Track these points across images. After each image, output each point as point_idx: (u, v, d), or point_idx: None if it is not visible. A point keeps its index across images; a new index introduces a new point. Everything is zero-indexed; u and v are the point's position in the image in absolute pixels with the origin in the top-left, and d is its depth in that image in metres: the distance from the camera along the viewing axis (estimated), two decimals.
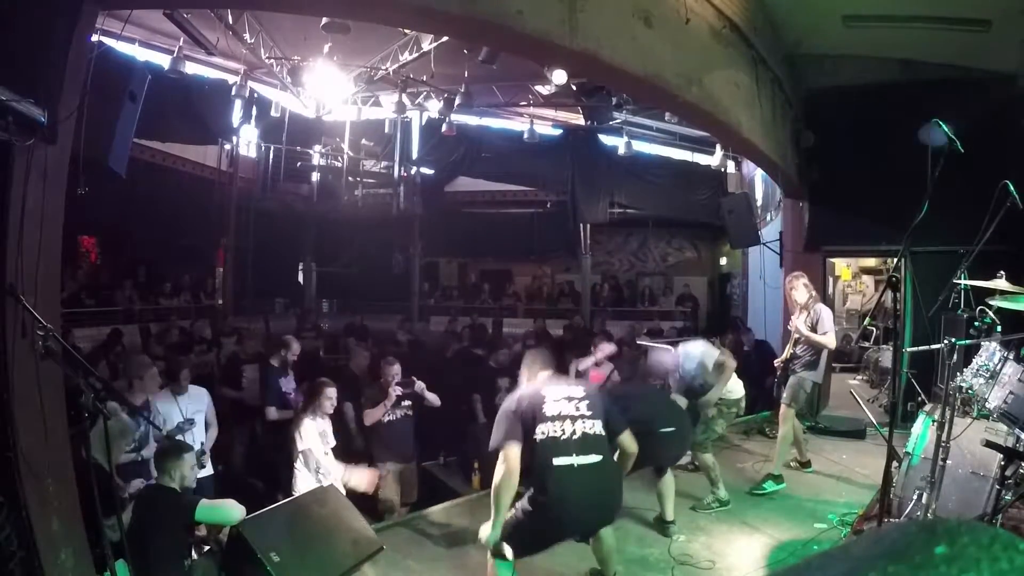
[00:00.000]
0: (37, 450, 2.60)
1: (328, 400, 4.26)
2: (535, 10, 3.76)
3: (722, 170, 11.34)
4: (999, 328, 3.30)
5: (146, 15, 7.19)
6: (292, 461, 4.25)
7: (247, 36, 8.02)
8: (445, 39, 7.42)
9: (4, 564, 2.43)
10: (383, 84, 9.72)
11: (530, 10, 3.72)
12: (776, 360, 5.36)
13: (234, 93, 9.75)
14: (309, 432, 4.20)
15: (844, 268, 11.50)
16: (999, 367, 3.01)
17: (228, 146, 11.79)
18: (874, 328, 8.96)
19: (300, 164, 12.09)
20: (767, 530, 3.99)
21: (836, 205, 6.87)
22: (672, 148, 12.39)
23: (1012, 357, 3.01)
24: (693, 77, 4.92)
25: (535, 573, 3.25)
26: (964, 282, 3.35)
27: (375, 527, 4.02)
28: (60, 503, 2.68)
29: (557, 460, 2.68)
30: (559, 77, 7.55)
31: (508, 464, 2.65)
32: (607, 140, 12.37)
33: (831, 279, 10.29)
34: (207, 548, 3.50)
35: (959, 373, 3.10)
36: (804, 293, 4.86)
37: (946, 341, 2.98)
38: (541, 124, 12.04)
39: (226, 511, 3.14)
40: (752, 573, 3.47)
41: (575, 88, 8.84)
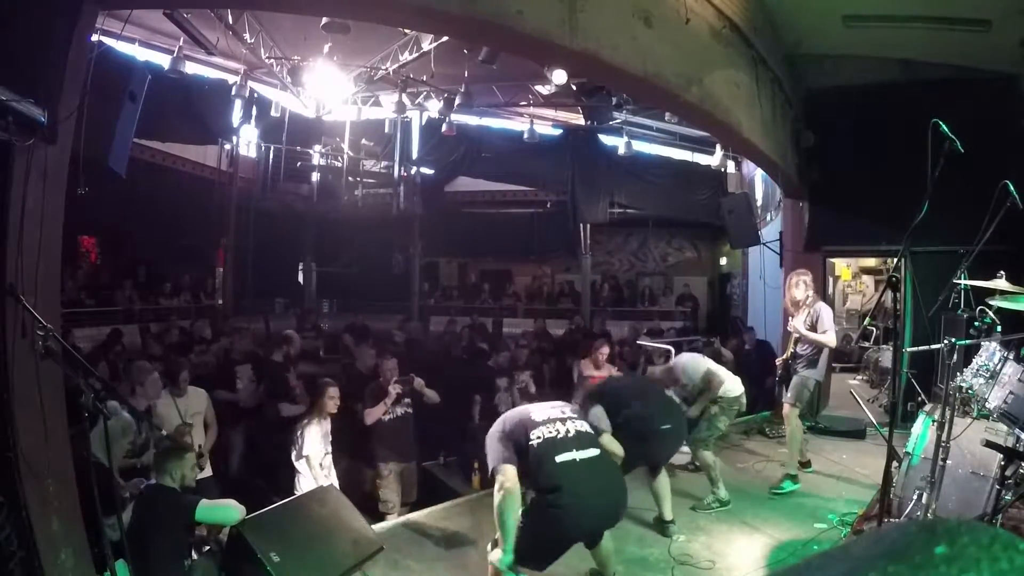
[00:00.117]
0: (37, 450, 2.59)
1: (331, 400, 4.25)
2: (535, 10, 3.76)
3: (722, 170, 11.34)
4: (999, 328, 3.30)
5: (146, 15, 7.20)
6: (294, 462, 4.25)
7: (247, 36, 8.02)
8: (445, 39, 7.42)
9: (4, 564, 2.43)
10: (383, 84, 9.72)
11: (530, 10, 3.72)
12: (777, 359, 5.37)
13: (234, 93, 9.76)
14: (312, 433, 4.20)
15: (844, 268, 11.50)
16: (999, 367, 3.01)
17: (228, 146, 11.79)
18: (874, 328, 8.97)
19: (300, 164, 12.09)
20: (767, 530, 3.99)
21: (836, 205, 6.87)
22: (672, 148, 12.39)
23: (1012, 357, 3.01)
24: (693, 77, 4.92)
25: (535, 573, 3.24)
26: (964, 282, 3.36)
27: (375, 527, 4.02)
28: (60, 503, 2.67)
29: (559, 457, 2.67)
30: (559, 77, 7.55)
31: (508, 484, 2.64)
32: (607, 140, 12.37)
33: (831, 279, 10.30)
34: (207, 548, 3.51)
35: (959, 373, 3.10)
36: (803, 291, 4.84)
37: (946, 341, 2.97)
38: (541, 124, 12.04)
39: (226, 511, 3.14)
40: (752, 573, 3.47)
41: (575, 88, 8.84)
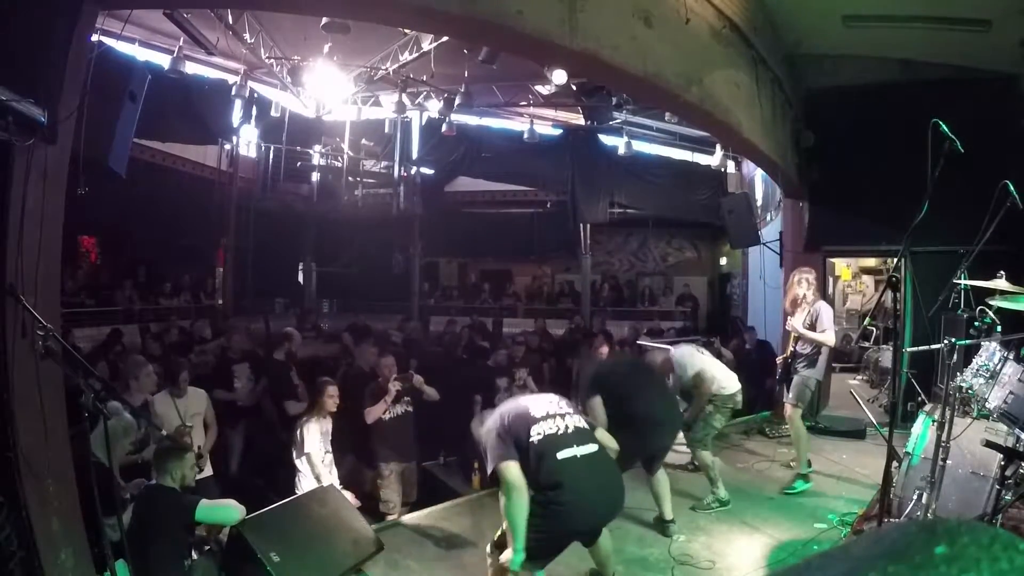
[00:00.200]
0: (37, 450, 2.59)
1: (331, 399, 4.27)
2: (535, 10, 3.76)
3: (722, 170, 11.34)
4: (999, 328, 3.30)
5: (146, 15, 7.20)
6: (295, 460, 4.26)
7: (247, 36, 8.02)
8: (445, 39, 7.42)
9: (4, 564, 2.42)
10: (383, 84, 9.71)
11: (530, 10, 3.72)
12: (778, 358, 5.35)
13: (234, 93, 9.75)
14: (312, 433, 4.21)
15: (844, 268, 11.50)
16: (999, 367, 3.01)
17: (228, 146, 11.79)
18: (874, 328, 8.97)
19: (300, 164, 12.09)
20: (767, 530, 3.99)
21: (836, 205, 6.86)
22: (672, 148, 12.39)
23: (1012, 357, 3.01)
24: (693, 77, 4.92)
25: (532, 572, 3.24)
26: (964, 282, 3.36)
27: (375, 527, 4.03)
28: (60, 503, 2.67)
29: (560, 454, 2.65)
30: (559, 77, 7.55)
31: (513, 482, 2.60)
32: (607, 140, 12.37)
33: (831, 279, 10.29)
34: (207, 548, 3.51)
35: (959, 373, 3.10)
36: (804, 288, 4.81)
37: (946, 341, 2.97)
38: (541, 124, 12.04)
39: (226, 511, 3.15)
40: (752, 573, 3.47)
41: (575, 88, 8.84)
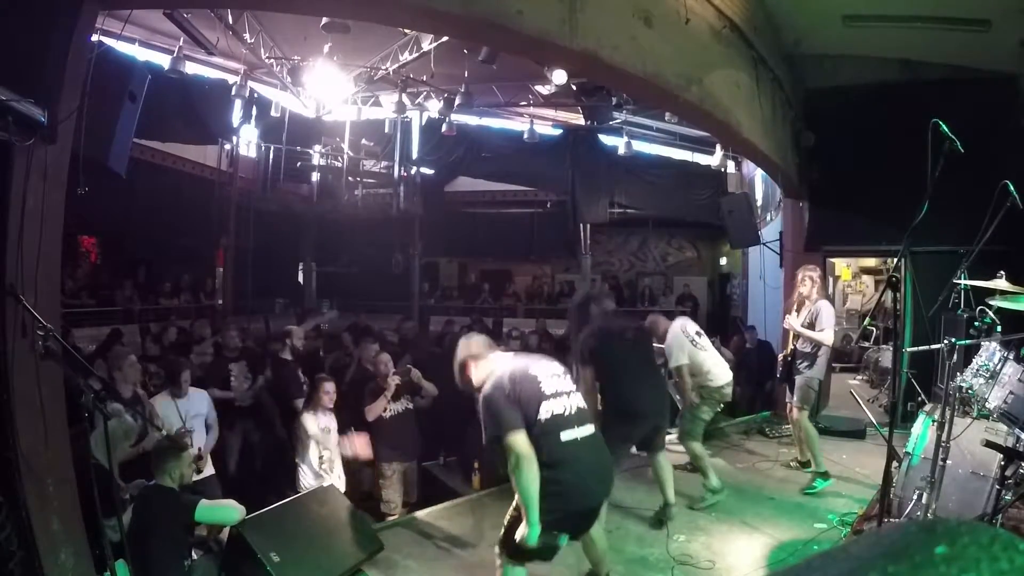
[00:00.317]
0: (37, 450, 2.59)
1: (326, 395, 4.32)
2: (535, 10, 3.76)
3: (722, 170, 11.33)
4: (999, 328, 3.30)
5: (146, 15, 7.19)
6: (296, 458, 4.28)
7: (247, 36, 8.02)
8: (445, 39, 7.42)
9: (4, 564, 2.43)
10: (383, 84, 9.71)
11: (530, 10, 3.72)
12: (780, 355, 5.32)
13: (234, 93, 9.74)
14: (310, 428, 4.24)
15: (844, 268, 11.50)
16: (999, 367, 3.01)
17: (228, 146, 11.78)
18: (874, 328, 8.97)
19: (300, 164, 12.07)
20: (767, 530, 3.99)
21: (836, 205, 6.86)
22: (672, 148, 12.37)
23: (1012, 357, 3.01)
24: (693, 77, 4.92)
25: (537, 573, 3.24)
26: (964, 282, 3.36)
27: (375, 527, 4.03)
28: (60, 503, 2.67)
29: (564, 435, 2.59)
30: (559, 77, 7.54)
31: (522, 451, 2.46)
32: (607, 140, 12.36)
33: (831, 279, 10.30)
34: (207, 548, 3.51)
35: (959, 373, 3.10)
36: (805, 287, 4.79)
37: (946, 341, 2.97)
38: (541, 124, 12.03)
39: (226, 511, 3.15)
40: (752, 573, 3.47)
41: (575, 88, 8.82)
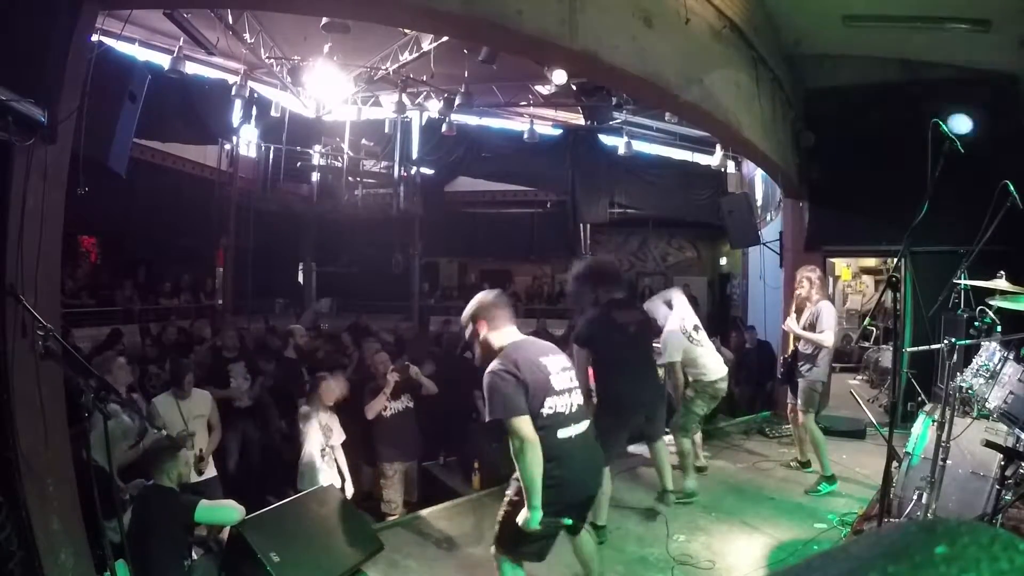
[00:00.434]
0: (37, 450, 2.59)
1: (327, 393, 4.33)
2: (535, 10, 3.76)
3: (722, 170, 11.34)
4: (999, 328, 3.30)
5: (146, 15, 7.20)
6: (301, 455, 4.30)
7: (247, 36, 8.02)
8: (445, 39, 7.42)
9: (4, 564, 2.42)
10: (383, 84, 9.72)
11: (530, 10, 3.72)
12: (781, 357, 5.30)
13: (234, 93, 9.76)
14: (313, 426, 4.26)
15: (844, 268, 11.50)
16: (999, 367, 3.00)
17: (228, 146, 11.80)
18: (874, 328, 8.97)
19: (300, 164, 12.09)
20: (767, 530, 3.99)
21: (836, 205, 6.86)
22: (672, 148, 12.39)
23: (1012, 357, 3.00)
24: (693, 77, 4.92)
25: (536, 572, 3.24)
26: (964, 282, 3.36)
27: (375, 527, 4.03)
28: (60, 503, 2.67)
29: (562, 432, 2.58)
30: (559, 77, 7.54)
31: (526, 436, 2.45)
32: (607, 140, 12.37)
33: (831, 279, 10.30)
34: (207, 548, 3.51)
35: (959, 373, 3.10)
36: (803, 288, 4.74)
37: (946, 341, 2.97)
38: (541, 124, 12.03)
39: (226, 511, 3.15)
40: (752, 573, 3.47)
41: (575, 88, 8.82)
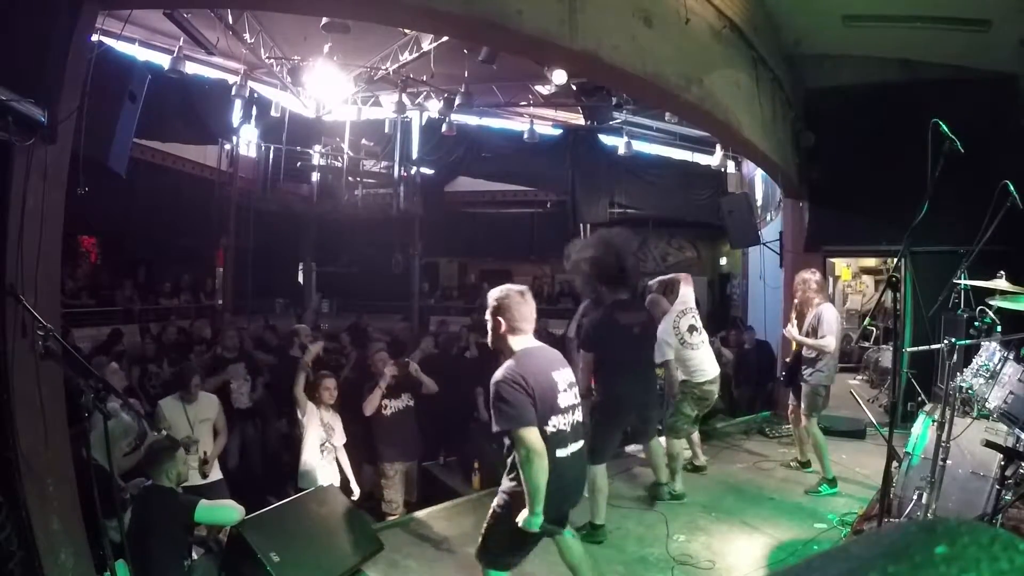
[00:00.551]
0: (37, 450, 2.59)
1: (327, 391, 4.34)
2: (535, 10, 3.76)
3: (722, 170, 11.34)
4: (999, 328, 3.30)
5: (146, 15, 7.20)
6: (301, 453, 4.32)
7: (247, 36, 8.02)
8: (445, 39, 7.42)
9: (4, 564, 2.43)
10: (383, 84, 9.71)
11: (530, 10, 3.72)
12: (786, 359, 5.26)
13: (234, 93, 9.76)
14: (313, 424, 4.28)
15: (844, 268, 11.49)
16: (999, 367, 3.01)
17: (228, 146, 11.79)
18: (874, 328, 8.97)
19: (300, 164, 12.08)
20: (767, 530, 3.99)
21: (836, 205, 6.86)
22: (672, 148, 12.38)
23: (1012, 357, 3.00)
24: (693, 77, 4.92)
25: (536, 572, 3.24)
26: (964, 282, 3.36)
27: (375, 527, 4.03)
28: (60, 503, 2.67)
29: (560, 451, 2.60)
30: (559, 77, 7.55)
31: (534, 446, 2.45)
32: (607, 140, 12.36)
33: (831, 279, 10.29)
34: (207, 548, 3.51)
35: (959, 373, 3.10)
36: (800, 292, 4.73)
37: (946, 341, 2.97)
38: (541, 124, 12.03)
39: (225, 511, 3.15)
40: (752, 573, 3.47)
41: (575, 88, 8.82)
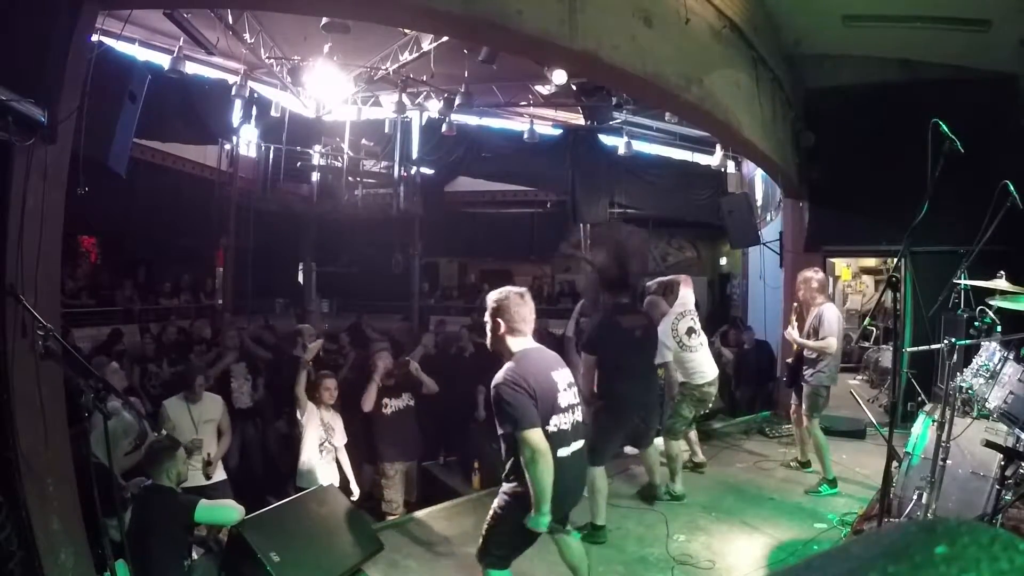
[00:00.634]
0: (37, 450, 2.59)
1: (327, 391, 4.35)
2: (535, 10, 3.76)
3: (722, 170, 11.33)
4: (999, 328, 3.31)
5: (146, 15, 7.19)
6: (300, 453, 4.33)
7: (247, 36, 8.02)
8: (445, 39, 7.42)
9: (4, 564, 2.43)
10: (383, 84, 9.71)
11: (530, 10, 3.72)
12: (788, 360, 5.25)
13: (234, 93, 9.74)
14: (313, 424, 4.29)
15: (844, 268, 11.50)
16: (999, 367, 3.01)
17: (228, 146, 11.78)
18: (874, 328, 8.97)
19: (300, 164, 12.07)
20: (767, 530, 3.99)
21: (836, 205, 6.86)
22: (672, 148, 12.37)
23: (1012, 357, 3.00)
24: (693, 77, 4.92)
25: (536, 572, 3.25)
26: (964, 282, 3.36)
27: (375, 527, 4.03)
28: (60, 503, 2.67)
29: (561, 451, 2.61)
30: (559, 77, 7.54)
31: (538, 447, 2.46)
32: (607, 140, 12.35)
33: (831, 279, 10.29)
34: (207, 548, 3.51)
35: (959, 373, 3.10)
36: (801, 291, 4.73)
37: (946, 341, 2.97)
38: (541, 124, 12.02)
39: (225, 511, 3.15)
40: (752, 573, 3.47)
41: (575, 88, 8.82)
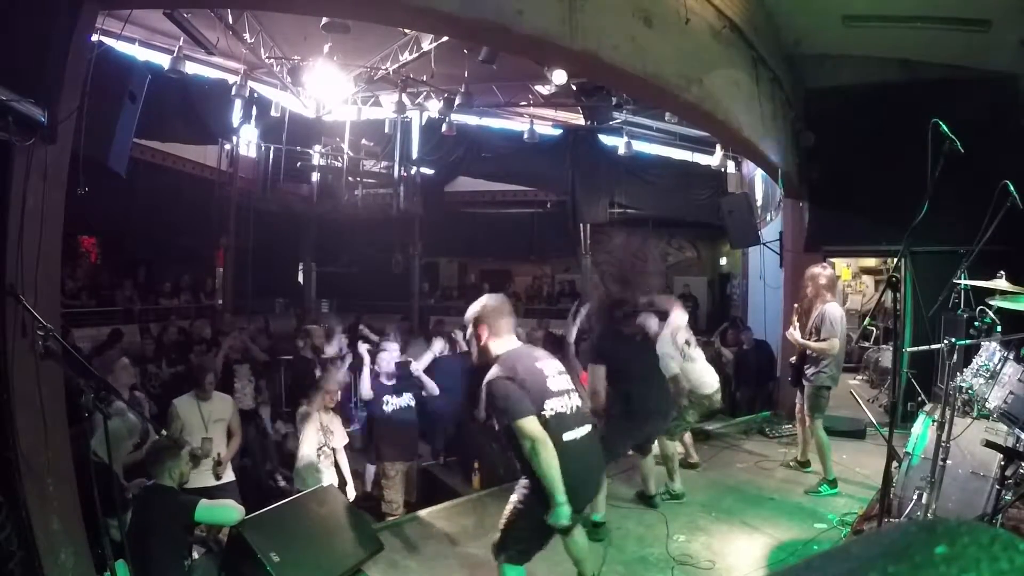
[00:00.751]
0: (37, 450, 2.60)
1: (328, 394, 4.37)
2: (535, 10, 3.76)
3: (722, 170, 11.32)
4: (999, 328, 3.30)
5: (146, 15, 7.20)
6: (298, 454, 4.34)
7: (247, 36, 8.02)
8: (445, 39, 7.42)
9: (4, 564, 2.43)
10: (383, 84, 9.71)
11: (530, 10, 3.72)
12: (791, 359, 5.23)
13: (234, 93, 9.75)
14: (310, 427, 4.29)
15: (844, 268, 11.50)
16: (999, 367, 3.01)
17: (228, 146, 11.78)
18: (874, 328, 8.97)
19: (300, 164, 12.06)
20: (767, 530, 3.99)
21: (836, 205, 6.86)
22: (672, 148, 12.36)
23: (1012, 357, 3.00)
24: (693, 77, 4.92)
25: (536, 572, 3.24)
26: (964, 282, 3.36)
27: (375, 527, 4.03)
28: (60, 503, 2.67)
29: (566, 435, 2.59)
30: (559, 77, 7.55)
31: (536, 435, 2.46)
32: (607, 140, 12.36)
33: None
34: (207, 548, 3.51)
35: (959, 373, 3.10)
36: (810, 290, 4.70)
37: (946, 341, 2.97)
38: (541, 124, 12.02)
39: (225, 511, 3.15)
40: (752, 573, 3.47)
41: (575, 88, 8.83)
